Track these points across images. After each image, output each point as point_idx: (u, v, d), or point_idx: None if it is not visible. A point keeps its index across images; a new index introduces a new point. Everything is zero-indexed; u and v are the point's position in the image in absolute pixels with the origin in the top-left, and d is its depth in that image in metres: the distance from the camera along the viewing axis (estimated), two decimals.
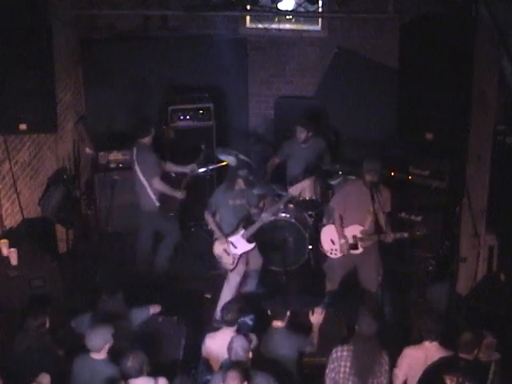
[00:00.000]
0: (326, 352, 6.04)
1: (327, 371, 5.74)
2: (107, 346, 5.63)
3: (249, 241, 7.54)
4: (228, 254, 7.51)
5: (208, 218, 7.58)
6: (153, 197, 8.04)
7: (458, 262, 7.62)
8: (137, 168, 8.05)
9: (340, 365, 5.66)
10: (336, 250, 7.40)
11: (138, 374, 5.43)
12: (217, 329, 6.50)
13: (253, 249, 7.61)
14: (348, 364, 5.64)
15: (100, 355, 5.62)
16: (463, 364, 5.49)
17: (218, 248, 7.54)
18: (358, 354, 5.62)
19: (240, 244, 7.51)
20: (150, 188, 8.01)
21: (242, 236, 7.51)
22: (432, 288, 7.89)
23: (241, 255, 7.55)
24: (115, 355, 5.74)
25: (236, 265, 7.54)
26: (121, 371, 5.48)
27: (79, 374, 5.66)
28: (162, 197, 8.09)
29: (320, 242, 7.58)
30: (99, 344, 5.59)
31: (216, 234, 7.56)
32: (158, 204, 8.08)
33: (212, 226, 7.54)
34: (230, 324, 6.11)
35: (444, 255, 8.14)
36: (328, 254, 7.51)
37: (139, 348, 5.71)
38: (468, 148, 7.28)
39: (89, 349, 5.64)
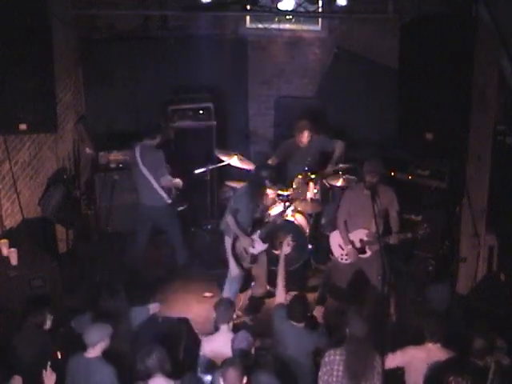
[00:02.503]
0: None
1: (320, 374, 5.70)
2: (103, 344, 5.60)
3: (264, 241, 7.64)
4: (246, 253, 7.58)
5: (231, 221, 7.49)
6: (164, 195, 8.10)
7: (458, 261, 7.62)
8: (141, 167, 8.05)
9: (333, 368, 5.62)
10: (346, 254, 7.38)
11: (159, 371, 5.43)
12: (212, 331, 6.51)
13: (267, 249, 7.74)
14: (340, 368, 5.59)
15: (94, 352, 5.59)
16: (470, 367, 5.50)
17: (239, 248, 7.59)
18: (351, 357, 5.58)
19: (257, 244, 7.60)
20: (159, 186, 8.06)
21: (259, 236, 7.59)
22: (432, 288, 7.89)
23: (257, 254, 7.64)
24: (114, 357, 5.73)
25: (254, 262, 7.67)
26: (141, 368, 5.47)
27: (74, 372, 5.65)
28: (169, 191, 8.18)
29: (330, 249, 7.55)
30: (95, 339, 5.57)
31: (238, 234, 7.52)
32: (170, 201, 8.17)
33: (235, 228, 7.49)
34: (226, 322, 6.09)
35: (444, 255, 8.13)
36: (339, 260, 7.47)
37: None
38: (468, 148, 7.28)
39: (85, 344, 5.61)
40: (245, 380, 5.23)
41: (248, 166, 8.47)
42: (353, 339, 5.62)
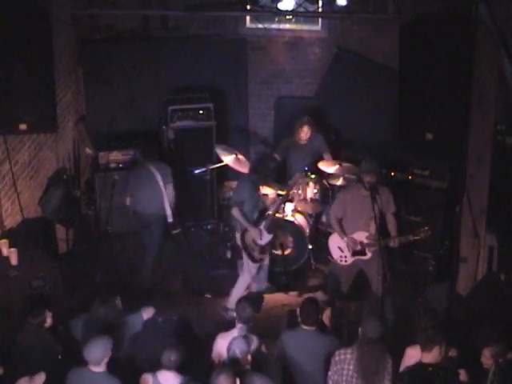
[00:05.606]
0: None
1: (330, 373, 5.69)
2: (106, 359, 5.47)
3: (269, 231, 7.66)
4: (256, 244, 7.61)
5: (236, 212, 7.53)
6: (168, 210, 8.04)
7: (458, 262, 7.61)
8: (157, 175, 8.01)
9: (343, 368, 5.61)
10: (345, 256, 7.34)
11: (171, 368, 5.49)
12: (228, 327, 6.45)
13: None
14: (351, 367, 5.58)
15: (99, 368, 5.45)
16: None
17: (248, 239, 7.60)
18: (363, 357, 5.55)
19: (264, 234, 7.62)
20: (167, 197, 8.01)
21: (264, 227, 7.62)
22: (432, 288, 7.88)
23: (265, 245, 7.68)
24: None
25: (264, 253, 7.70)
26: (159, 361, 5.50)
27: None
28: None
29: (329, 253, 7.54)
30: (98, 357, 5.42)
31: (246, 225, 7.55)
32: (171, 220, 8.10)
33: (242, 219, 7.52)
34: (245, 321, 6.07)
35: (444, 255, 8.13)
36: (338, 262, 7.42)
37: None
38: (468, 148, 7.27)
39: (87, 361, 5.47)
40: (238, 383, 5.23)
41: (243, 168, 8.19)
42: (366, 339, 5.60)
